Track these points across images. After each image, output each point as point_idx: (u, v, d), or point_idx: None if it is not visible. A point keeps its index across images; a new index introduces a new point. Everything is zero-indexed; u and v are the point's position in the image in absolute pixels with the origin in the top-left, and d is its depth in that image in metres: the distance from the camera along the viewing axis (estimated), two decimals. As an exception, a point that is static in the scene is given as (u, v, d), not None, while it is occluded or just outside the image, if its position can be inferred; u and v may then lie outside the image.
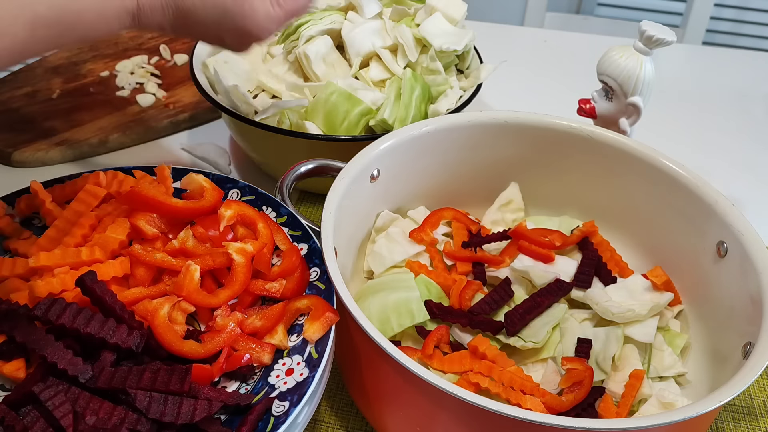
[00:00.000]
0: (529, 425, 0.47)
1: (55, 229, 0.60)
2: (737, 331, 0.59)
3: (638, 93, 0.74)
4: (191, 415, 0.47)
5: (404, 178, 0.72)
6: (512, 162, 0.75)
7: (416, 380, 0.49)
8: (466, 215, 0.75)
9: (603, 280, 0.68)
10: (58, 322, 0.50)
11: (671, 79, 1.11)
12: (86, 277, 0.52)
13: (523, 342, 0.63)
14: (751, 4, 2.17)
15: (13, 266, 0.57)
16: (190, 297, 0.55)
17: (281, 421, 0.48)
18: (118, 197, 0.62)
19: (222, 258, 0.57)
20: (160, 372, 0.49)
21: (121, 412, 0.47)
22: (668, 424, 0.47)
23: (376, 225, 0.73)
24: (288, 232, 0.62)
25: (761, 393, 0.68)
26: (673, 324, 0.67)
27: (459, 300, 0.66)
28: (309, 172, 0.70)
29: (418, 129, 0.71)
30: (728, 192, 0.64)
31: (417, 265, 0.69)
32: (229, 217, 0.60)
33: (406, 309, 0.63)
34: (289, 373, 0.52)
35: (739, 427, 0.65)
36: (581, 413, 0.58)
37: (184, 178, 0.65)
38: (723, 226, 0.63)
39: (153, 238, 0.59)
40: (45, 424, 0.46)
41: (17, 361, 0.52)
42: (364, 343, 0.52)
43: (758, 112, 1.10)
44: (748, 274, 0.59)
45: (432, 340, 0.61)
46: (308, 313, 0.55)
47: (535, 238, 0.70)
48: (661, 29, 0.73)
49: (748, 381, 0.49)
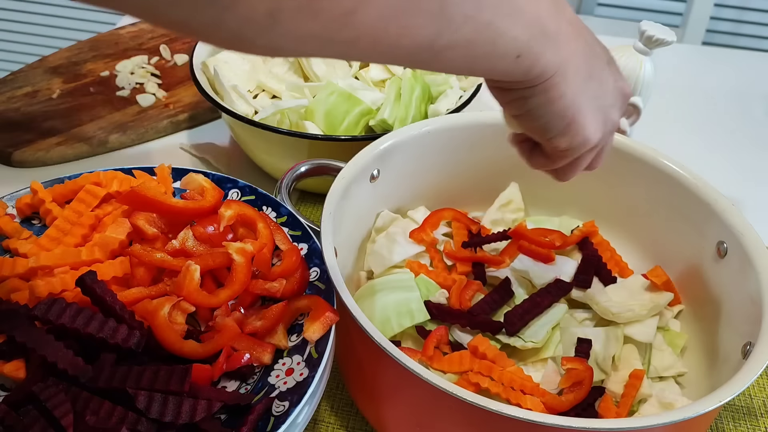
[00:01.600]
0: (529, 425, 0.47)
1: (55, 229, 0.60)
2: (737, 331, 0.59)
3: (638, 93, 0.74)
4: (191, 415, 0.47)
5: (404, 178, 0.72)
6: (512, 162, 0.75)
7: (416, 380, 0.49)
8: (466, 215, 0.75)
9: (603, 280, 0.68)
10: (58, 322, 0.50)
11: (671, 79, 1.11)
12: (86, 277, 0.52)
13: (523, 342, 0.63)
14: (751, 4, 2.17)
15: (13, 266, 0.57)
16: (190, 297, 0.55)
17: (281, 421, 0.48)
18: (118, 197, 0.62)
19: (222, 258, 0.57)
20: (160, 372, 0.49)
21: (121, 412, 0.47)
22: (668, 424, 0.47)
23: (376, 225, 0.73)
24: (288, 232, 0.62)
25: (761, 393, 0.68)
26: (673, 324, 0.67)
27: (459, 300, 0.66)
28: (309, 172, 0.71)
29: (418, 129, 0.71)
30: (728, 192, 0.64)
31: (417, 265, 0.69)
32: (229, 217, 0.60)
33: (406, 309, 0.63)
34: (289, 373, 0.52)
35: (738, 427, 0.65)
36: (581, 413, 0.58)
37: (184, 178, 0.65)
38: (723, 226, 0.63)
39: (153, 238, 0.59)
40: (45, 424, 0.45)
41: (17, 361, 0.52)
42: (364, 343, 0.52)
43: (758, 112, 1.10)
44: (747, 274, 0.59)
45: (432, 341, 0.61)
46: (308, 313, 0.55)
47: (535, 238, 0.70)
48: (661, 29, 0.73)
49: (747, 381, 0.49)
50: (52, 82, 1.00)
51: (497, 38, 0.40)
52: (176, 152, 0.93)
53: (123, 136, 0.92)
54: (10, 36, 2.38)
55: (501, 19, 0.40)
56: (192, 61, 0.85)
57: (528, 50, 0.42)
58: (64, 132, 0.91)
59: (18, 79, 1.00)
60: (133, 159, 0.91)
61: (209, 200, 0.61)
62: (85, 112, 0.95)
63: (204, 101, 0.96)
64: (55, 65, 1.04)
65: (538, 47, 0.43)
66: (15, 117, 0.94)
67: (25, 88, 0.99)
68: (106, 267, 0.56)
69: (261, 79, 0.89)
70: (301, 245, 0.61)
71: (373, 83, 0.87)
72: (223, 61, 0.88)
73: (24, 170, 0.88)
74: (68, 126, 0.92)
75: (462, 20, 0.38)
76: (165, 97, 0.99)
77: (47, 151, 0.89)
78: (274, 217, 0.64)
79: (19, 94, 0.98)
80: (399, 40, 0.36)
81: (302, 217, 0.64)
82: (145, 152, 0.93)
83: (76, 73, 1.03)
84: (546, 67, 0.44)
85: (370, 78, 0.87)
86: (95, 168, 0.66)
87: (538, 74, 0.44)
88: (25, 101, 0.96)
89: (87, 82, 1.01)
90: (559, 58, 0.44)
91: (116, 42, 1.10)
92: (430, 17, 0.37)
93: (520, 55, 0.42)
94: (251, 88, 0.90)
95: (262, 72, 0.89)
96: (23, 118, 0.93)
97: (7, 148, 0.88)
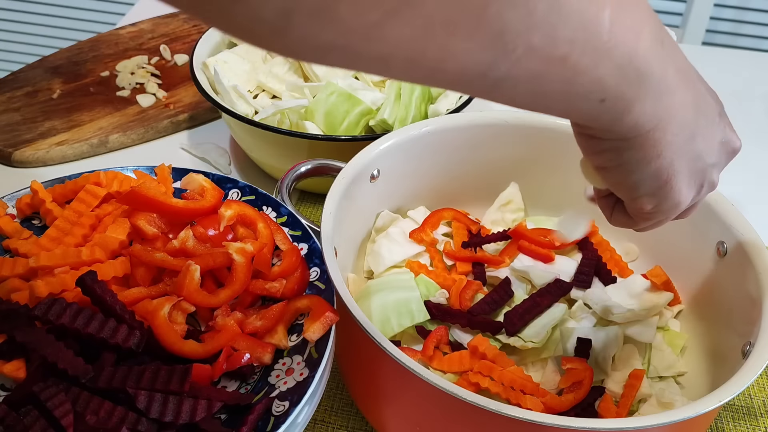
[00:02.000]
0: (529, 425, 0.47)
1: (56, 229, 0.60)
2: (737, 331, 0.59)
3: (638, 93, 0.74)
4: (191, 415, 0.47)
5: (404, 178, 0.72)
6: (512, 162, 0.75)
7: (416, 380, 0.49)
8: (466, 215, 0.75)
9: (603, 280, 0.68)
10: (59, 322, 0.50)
11: (671, 79, 1.11)
12: (86, 277, 0.52)
13: (523, 342, 0.63)
14: (751, 4, 2.17)
15: (13, 266, 0.57)
16: (190, 297, 0.55)
17: (281, 421, 0.48)
18: (118, 197, 0.62)
19: (222, 258, 0.57)
20: (160, 372, 0.49)
21: (121, 412, 0.47)
22: (668, 423, 0.47)
23: (376, 225, 0.73)
24: (288, 232, 0.62)
25: (761, 393, 0.68)
26: (673, 324, 0.67)
27: (459, 300, 0.66)
28: (309, 172, 0.71)
29: (418, 129, 0.71)
30: (728, 192, 0.64)
31: (417, 265, 0.69)
32: (229, 217, 0.60)
33: (406, 309, 0.63)
34: (289, 373, 0.52)
35: (738, 427, 0.65)
36: (581, 413, 0.58)
37: (184, 178, 0.66)
38: (723, 226, 0.63)
39: (153, 238, 0.59)
40: (45, 424, 0.45)
41: (17, 361, 0.52)
42: (364, 343, 0.52)
43: (758, 112, 1.10)
44: (747, 274, 0.59)
45: (432, 341, 0.62)
46: (308, 313, 0.55)
47: (535, 238, 0.70)
48: (661, 29, 0.73)
49: (747, 381, 0.49)
50: (52, 82, 1.00)
51: (575, 77, 0.34)
52: (176, 152, 0.93)
53: (123, 136, 0.92)
54: (10, 36, 2.38)
55: (581, 55, 0.33)
56: (192, 61, 0.85)
57: (617, 96, 0.36)
58: (64, 132, 0.92)
59: (18, 79, 1.01)
60: (133, 159, 0.91)
61: (209, 200, 0.61)
62: (85, 112, 0.95)
63: (204, 101, 0.96)
64: (55, 65, 1.04)
65: (632, 93, 0.36)
66: (15, 117, 0.94)
67: (25, 88, 0.99)
68: (106, 267, 0.56)
69: (261, 79, 0.89)
70: (301, 245, 0.61)
71: (373, 83, 0.87)
72: (223, 61, 0.88)
73: (24, 170, 0.88)
74: (68, 126, 0.93)
75: (524, 51, 0.32)
76: (165, 97, 0.99)
77: (47, 151, 0.89)
78: (274, 217, 0.64)
79: (19, 94, 0.98)
80: (442, 64, 0.31)
81: (302, 217, 0.64)
82: (145, 152, 0.93)
83: (76, 73, 1.03)
84: (641, 119, 0.37)
85: (370, 78, 0.87)
86: (95, 168, 0.66)
87: (631, 126, 0.38)
88: (25, 101, 0.96)
89: (87, 82, 1.01)
90: (660, 111, 0.38)
91: (116, 42, 1.10)
92: (482, 43, 0.31)
93: (604, 99, 0.36)
94: (251, 88, 0.90)
95: (262, 72, 0.89)
96: (23, 118, 0.94)
97: (7, 148, 0.88)
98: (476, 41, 0.30)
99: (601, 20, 0.33)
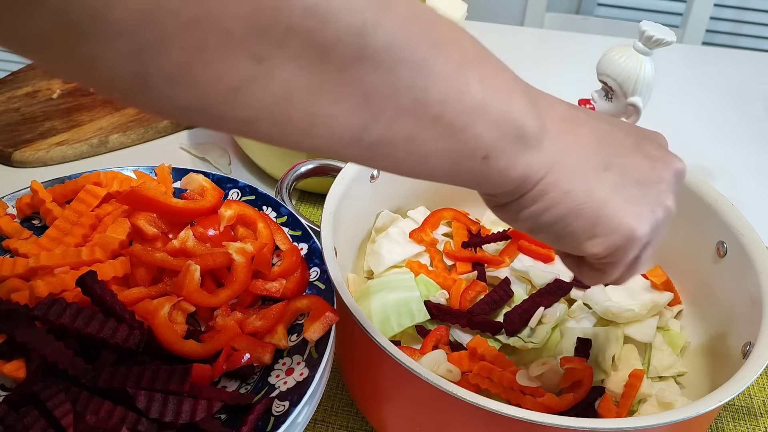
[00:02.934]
0: (529, 425, 0.47)
1: (56, 229, 0.60)
2: (737, 331, 0.59)
3: (638, 93, 0.74)
4: (191, 415, 0.47)
5: (404, 178, 0.72)
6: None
7: (416, 380, 0.49)
8: (466, 215, 0.75)
9: (603, 280, 0.68)
10: (59, 322, 0.50)
11: (671, 79, 1.11)
12: (86, 277, 0.52)
13: (523, 342, 0.63)
14: (751, 4, 2.17)
15: (13, 266, 0.57)
16: (190, 297, 0.55)
17: (281, 421, 0.48)
18: (118, 197, 0.62)
19: (222, 258, 0.57)
20: (160, 372, 0.49)
21: (121, 412, 0.47)
22: (668, 424, 0.47)
23: (376, 225, 0.73)
24: (288, 232, 0.62)
25: (761, 393, 0.68)
26: (673, 324, 0.67)
27: (459, 300, 0.66)
28: (309, 172, 0.71)
29: (418, 129, 0.70)
30: (728, 192, 0.64)
31: (417, 265, 0.69)
32: (229, 217, 0.60)
33: (406, 309, 0.63)
34: (289, 373, 0.52)
35: (738, 427, 0.65)
36: (581, 413, 0.58)
37: (184, 178, 0.66)
38: (723, 226, 0.63)
39: (153, 238, 0.59)
40: (45, 424, 0.45)
41: (17, 361, 0.52)
42: (365, 343, 0.52)
43: (758, 112, 1.10)
44: (747, 274, 0.59)
45: (431, 341, 0.62)
46: (308, 313, 0.55)
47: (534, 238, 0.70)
48: (660, 29, 0.73)
49: (747, 381, 0.49)
50: (52, 82, 1.00)
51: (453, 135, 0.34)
52: (176, 152, 0.93)
53: (123, 136, 0.93)
54: (10, 36, 2.38)
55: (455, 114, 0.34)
56: (192, 61, 0.85)
57: (499, 150, 0.36)
58: (64, 132, 0.92)
59: (18, 79, 1.01)
60: (133, 159, 0.91)
61: (209, 200, 0.61)
62: (85, 112, 0.95)
63: (204, 101, 0.96)
64: (55, 65, 1.04)
65: (514, 147, 0.37)
66: (15, 117, 0.94)
67: (25, 88, 0.99)
68: (106, 267, 0.56)
69: (261, 79, 0.89)
70: (301, 245, 0.61)
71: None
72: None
73: (24, 170, 0.88)
74: (68, 126, 0.93)
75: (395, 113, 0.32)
76: (165, 97, 0.99)
77: (47, 151, 0.89)
78: (274, 217, 0.64)
79: (19, 94, 0.98)
80: (311, 128, 0.31)
81: (302, 217, 0.64)
82: (145, 152, 0.93)
83: (76, 73, 1.03)
84: (530, 168, 0.38)
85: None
86: (95, 168, 0.66)
87: (523, 177, 0.38)
88: (25, 101, 0.96)
89: (87, 82, 1.01)
90: (548, 156, 0.38)
91: (116, 42, 1.10)
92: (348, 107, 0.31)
93: (487, 156, 0.36)
94: (251, 88, 0.90)
95: (262, 72, 0.89)
96: (23, 118, 0.94)
97: (7, 148, 0.88)
98: (342, 106, 0.31)
99: (471, 81, 0.34)
